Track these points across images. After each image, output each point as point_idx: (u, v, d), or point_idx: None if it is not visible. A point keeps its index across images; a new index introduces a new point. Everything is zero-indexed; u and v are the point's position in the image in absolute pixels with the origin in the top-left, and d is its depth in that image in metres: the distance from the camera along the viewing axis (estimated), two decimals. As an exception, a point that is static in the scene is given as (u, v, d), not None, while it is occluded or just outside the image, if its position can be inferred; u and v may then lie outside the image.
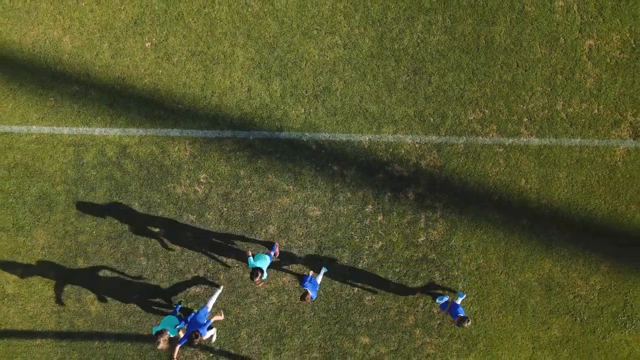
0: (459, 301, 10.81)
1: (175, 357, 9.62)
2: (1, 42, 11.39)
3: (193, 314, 9.94)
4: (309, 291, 9.84)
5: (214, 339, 10.92)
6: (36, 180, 11.32)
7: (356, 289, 11.30)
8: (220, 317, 10.99)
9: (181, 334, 10.10)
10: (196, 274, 11.28)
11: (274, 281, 11.26)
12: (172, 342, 9.75)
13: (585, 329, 11.30)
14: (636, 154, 11.34)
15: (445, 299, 10.92)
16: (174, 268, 11.31)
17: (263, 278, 9.78)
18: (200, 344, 10.83)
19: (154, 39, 11.42)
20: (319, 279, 10.72)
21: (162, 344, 9.35)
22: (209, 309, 10.32)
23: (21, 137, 11.35)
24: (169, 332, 9.59)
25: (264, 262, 9.99)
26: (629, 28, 11.36)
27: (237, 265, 11.27)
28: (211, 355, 11.27)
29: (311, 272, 10.72)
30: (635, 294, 11.30)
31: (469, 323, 9.78)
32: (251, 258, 10.02)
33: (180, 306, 10.93)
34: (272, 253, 10.63)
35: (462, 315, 9.97)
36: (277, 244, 11.02)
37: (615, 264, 11.30)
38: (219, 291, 10.96)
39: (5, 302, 11.28)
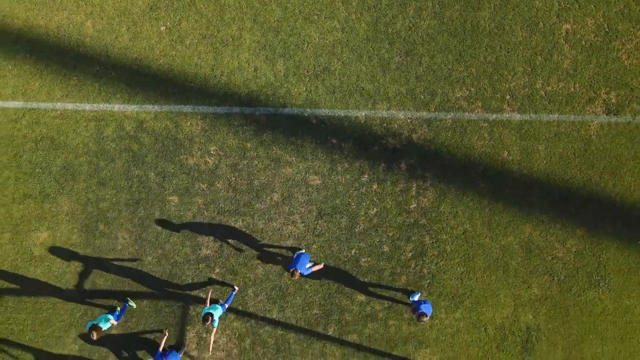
0: (415, 298, 11.84)
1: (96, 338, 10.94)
2: (28, 26, 12.45)
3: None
4: (297, 270, 10.95)
5: None
6: (61, 152, 12.38)
7: (353, 251, 12.36)
8: None
9: (113, 322, 11.34)
10: (207, 238, 12.35)
11: (278, 244, 12.33)
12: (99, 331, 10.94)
13: (563, 287, 12.35)
14: (609, 128, 12.40)
15: (418, 295, 11.96)
16: (187, 232, 12.37)
17: (214, 325, 10.85)
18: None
19: (168, 24, 12.49)
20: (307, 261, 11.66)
21: (96, 336, 10.78)
22: None
23: (47, 112, 12.41)
24: (101, 326, 10.98)
25: (216, 311, 10.96)
26: (602, 13, 12.43)
27: (244, 230, 12.33)
28: (221, 312, 12.33)
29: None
30: (608, 256, 12.35)
31: (427, 318, 10.69)
32: (206, 307, 10.98)
33: (127, 305, 12.05)
34: (226, 305, 11.37)
35: (423, 311, 10.78)
36: (235, 290, 11.92)
37: (590, 228, 12.37)
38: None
39: (33, 263, 12.33)
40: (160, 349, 11.39)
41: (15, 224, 12.33)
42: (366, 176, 12.40)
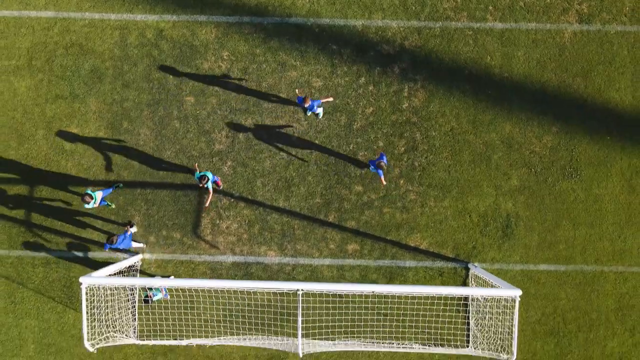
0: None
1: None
2: (59, -56, 13.84)
3: (124, 237, 12.63)
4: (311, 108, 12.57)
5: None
6: (89, 57, 13.78)
7: (351, 145, 13.78)
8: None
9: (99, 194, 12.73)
10: (220, 134, 13.76)
11: (284, 140, 13.74)
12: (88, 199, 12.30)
13: (539, 178, 13.76)
14: (581, 36, 13.79)
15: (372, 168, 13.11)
16: (202, 129, 13.78)
17: (207, 186, 12.18)
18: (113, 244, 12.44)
19: (185, -58, 13.87)
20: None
21: (88, 202, 12.19)
22: (131, 246, 13.12)
23: (76, 21, 13.80)
24: (93, 196, 12.31)
25: (209, 175, 12.25)
26: None
27: (253, 127, 13.74)
28: (232, 200, 13.76)
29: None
30: (579, 151, 13.75)
31: (384, 164, 12.35)
32: (197, 172, 12.22)
33: (116, 187, 13.51)
34: (216, 181, 13.02)
35: (382, 160, 12.51)
36: (219, 181, 13.38)
37: (564, 126, 13.77)
38: (140, 251, 13.71)
39: (64, 157, 13.74)
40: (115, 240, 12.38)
41: (48, 122, 13.74)
42: (363, 79, 13.79)
